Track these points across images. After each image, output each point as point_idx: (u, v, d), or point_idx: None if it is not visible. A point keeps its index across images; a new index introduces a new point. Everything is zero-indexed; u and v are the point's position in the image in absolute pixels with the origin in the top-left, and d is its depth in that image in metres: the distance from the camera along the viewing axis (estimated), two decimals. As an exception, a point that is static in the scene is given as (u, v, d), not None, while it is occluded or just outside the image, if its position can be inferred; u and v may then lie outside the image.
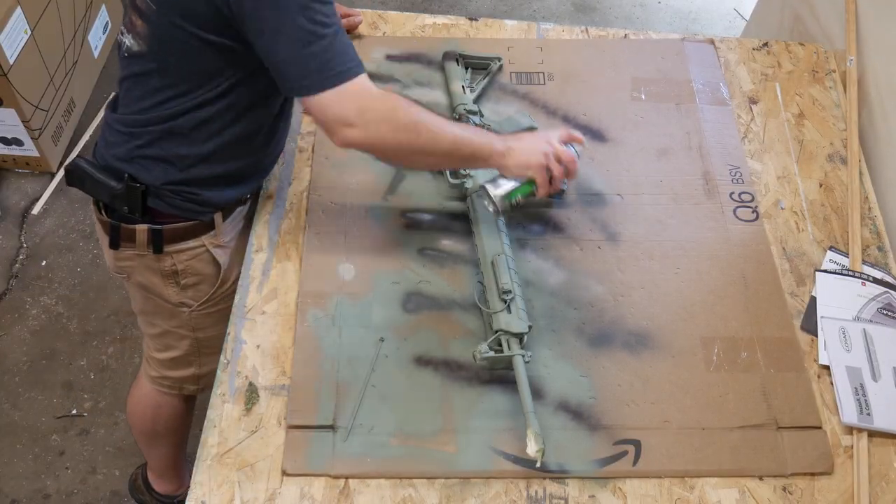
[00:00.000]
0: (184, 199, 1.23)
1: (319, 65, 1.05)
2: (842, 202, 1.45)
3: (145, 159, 1.20)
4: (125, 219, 1.24)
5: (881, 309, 1.31)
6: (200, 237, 1.28)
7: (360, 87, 1.08)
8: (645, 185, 1.43)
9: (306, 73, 1.06)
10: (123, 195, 1.20)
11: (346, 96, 1.07)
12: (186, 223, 1.26)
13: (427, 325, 1.23)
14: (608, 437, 1.15)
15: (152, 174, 1.20)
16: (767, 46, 1.68)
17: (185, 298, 1.34)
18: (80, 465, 1.93)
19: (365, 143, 1.11)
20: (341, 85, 1.06)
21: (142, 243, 1.25)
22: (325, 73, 1.06)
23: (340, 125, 1.09)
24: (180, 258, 1.28)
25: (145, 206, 1.22)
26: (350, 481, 1.10)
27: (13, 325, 2.13)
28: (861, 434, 1.18)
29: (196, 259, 1.30)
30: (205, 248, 1.29)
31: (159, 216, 1.24)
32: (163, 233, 1.25)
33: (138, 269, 1.30)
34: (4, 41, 2.07)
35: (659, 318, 1.27)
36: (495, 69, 1.56)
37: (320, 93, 1.06)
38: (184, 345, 1.41)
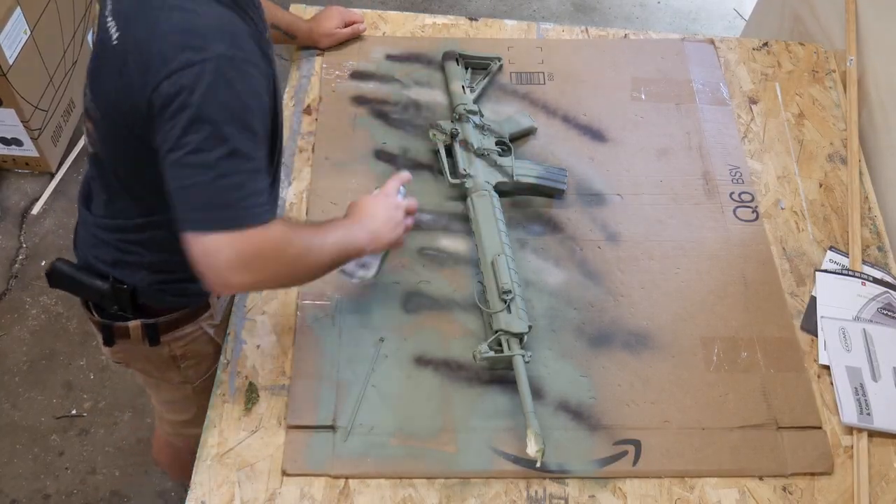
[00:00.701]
0: (174, 295, 1.17)
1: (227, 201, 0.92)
2: (842, 202, 1.45)
3: (128, 264, 1.14)
4: (117, 317, 1.17)
5: (881, 309, 1.31)
6: (196, 321, 1.23)
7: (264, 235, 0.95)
8: (645, 185, 1.43)
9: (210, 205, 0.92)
10: (111, 296, 1.14)
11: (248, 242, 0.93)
12: (180, 311, 1.20)
13: (427, 325, 1.23)
14: (608, 437, 1.15)
15: (137, 277, 1.14)
16: (767, 46, 1.68)
17: (187, 378, 1.31)
18: (80, 466, 1.93)
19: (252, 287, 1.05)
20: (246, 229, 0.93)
21: (137, 338, 1.19)
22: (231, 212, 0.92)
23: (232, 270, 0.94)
24: (178, 344, 1.23)
25: (136, 304, 1.16)
26: (350, 481, 1.09)
27: (13, 326, 2.13)
28: (861, 434, 1.18)
29: (194, 342, 1.25)
30: (202, 330, 1.25)
31: (151, 311, 1.18)
32: (157, 326, 1.19)
33: (136, 359, 1.27)
34: (4, 41, 2.07)
35: (659, 318, 1.27)
36: (495, 69, 1.56)
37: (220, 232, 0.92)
38: (192, 410, 1.38)
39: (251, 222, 0.93)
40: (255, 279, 0.98)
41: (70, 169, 2.43)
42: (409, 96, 1.52)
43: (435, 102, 1.51)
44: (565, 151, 1.47)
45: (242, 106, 0.92)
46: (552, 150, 1.47)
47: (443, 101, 1.51)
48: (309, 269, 1.04)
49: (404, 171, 1.23)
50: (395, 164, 1.41)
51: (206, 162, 0.90)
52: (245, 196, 0.93)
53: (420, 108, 1.50)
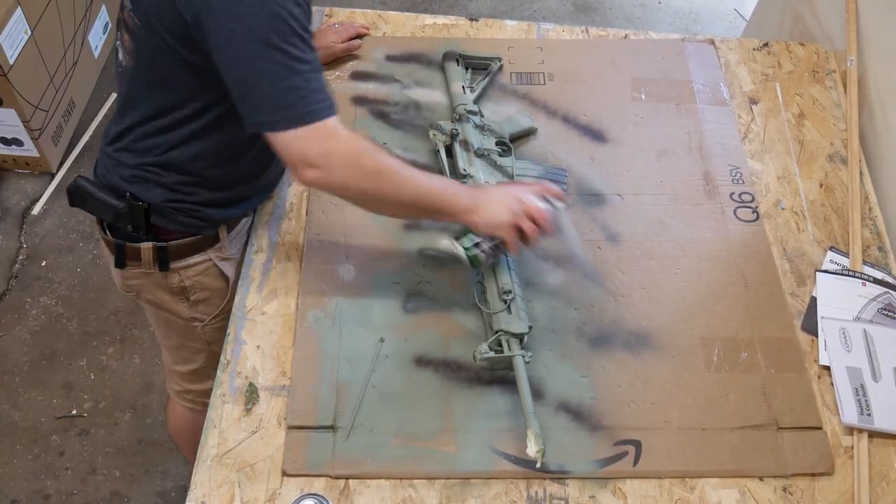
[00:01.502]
0: (187, 216, 1.22)
1: (288, 102, 1.00)
2: (842, 202, 1.45)
3: (146, 181, 1.19)
4: (129, 237, 1.22)
5: (882, 309, 1.31)
6: (206, 251, 1.27)
7: (328, 129, 1.02)
8: (645, 185, 1.43)
9: (273, 108, 1.01)
10: (126, 213, 1.19)
11: (312, 137, 1.02)
12: (191, 238, 1.25)
13: (427, 326, 1.23)
14: (608, 437, 1.15)
15: (153, 193, 1.19)
16: (768, 46, 1.68)
17: (196, 314, 1.33)
18: (80, 466, 1.93)
19: (327, 186, 1.07)
20: (309, 125, 1.01)
21: (147, 261, 1.24)
22: (294, 112, 1.00)
23: (303, 165, 1.03)
24: (187, 274, 1.27)
25: (149, 224, 1.20)
26: (350, 482, 1.09)
27: (13, 326, 2.13)
28: (861, 434, 1.18)
29: (203, 274, 1.29)
30: (211, 262, 1.29)
31: (163, 233, 1.23)
32: (167, 249, 1.23)
33: (147, 287, 1.30)
34: (4, 41, 2.07)
35: (659, 318, 1.27)
36: (495, 69, 1.56)
37: (285, 131, 1.01)
38: (201, 358, 1.40)
39: (308, 120, 1.00)
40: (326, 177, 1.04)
41: (70, 169, 2.43)
42: (410, 97, 1.52)
43: (435, 103, 1.51)
44: (565, 152, 1.47)
45: (288, 13, 0.97)
46: (552, 150, 1.47)
47: (443, 101, 1.51)
48: (386, 194, 1.08)
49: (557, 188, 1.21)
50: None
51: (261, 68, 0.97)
52: (301, 97, 1.00)
53: (420, 108, 1.50)
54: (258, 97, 1.00)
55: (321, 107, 1.01)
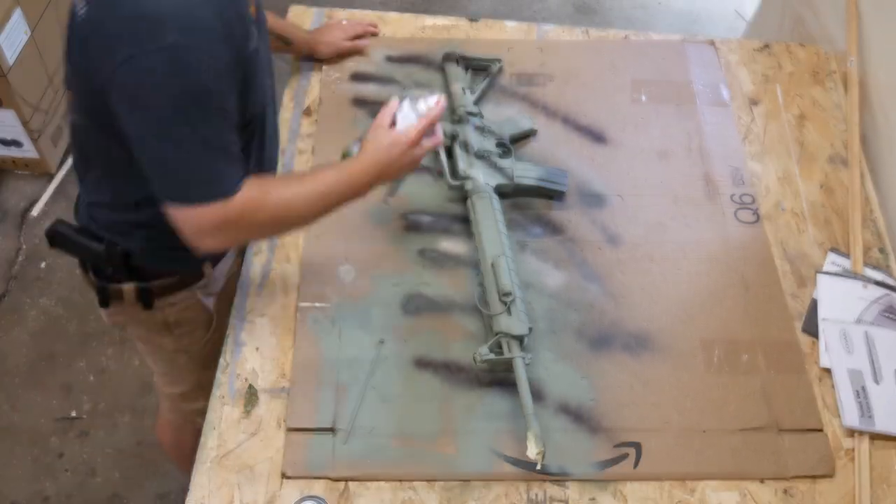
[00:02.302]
0: (167, 260, 1.19)
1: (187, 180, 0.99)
2: (843, 204, 1.45)
3: (120, 231, 1.16)
4: (112, 278, 1.20)
5: (883, 311, 1.31)
6: (190, 287, 1.25)
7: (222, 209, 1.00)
8: (645, 186, 1.43)
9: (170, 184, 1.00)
10: (106, 257, 1.17)
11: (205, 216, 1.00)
12: (174, 277, 1.22)
13: (427, 327, 1.23)
14: (608, 439, 1.15)
15: (129, 241, 1.17)
16: (768, 48, 1.68)
17: (182, 346, 1.32)
18: (80, 468, 1.92)
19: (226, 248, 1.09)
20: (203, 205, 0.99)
21: (131, 301, 1.22)
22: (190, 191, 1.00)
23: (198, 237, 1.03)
24: (171, 311, 1.25)
25: (130, 266, 1.19)
26: (350, 484, 1.09)
27: (12, 327, 2.13)
28: (862, 437, 1.18)
29: (188, 309, 1.27)
30: (195, 297, 1.27)
31: (146, 273, 1.20)
32: (151, 290, 1.21)
33: (131, 324, 1.29)
34: (4, 42, 2.07)
35: (659, 320, 1.27)
36: (495, 70, 1.56)
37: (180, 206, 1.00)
38: (189, 382, 1.40)
39: (212, 198, 1.00)
40: (225, 242, 1.08)
41: (70, 170, 2.43)
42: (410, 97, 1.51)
43: (435, 104, 1.51)
44: (565, 153, 1.46)
45: (200, 91, 0.94)
46: (552, 151, 1.47)
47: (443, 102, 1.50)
48: (291, 222, 1.11)
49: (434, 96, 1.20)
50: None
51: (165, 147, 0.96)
52: (207, 174, 1.00)
53: (420, 109, 1.50)
54: (159, 170, 0.99)
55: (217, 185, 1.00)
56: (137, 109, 0.95)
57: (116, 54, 0.91)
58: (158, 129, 0.95)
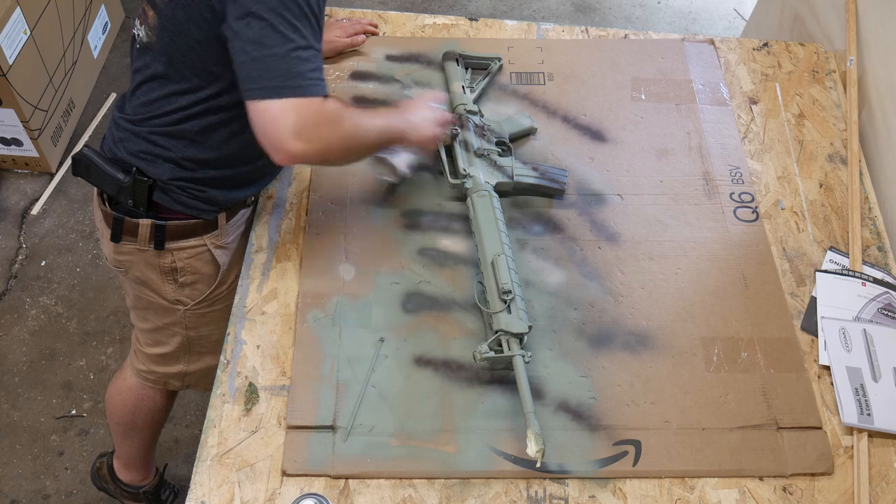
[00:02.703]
0: (190, 196, 1.23)
1: (288, 72, 1.03)
2: (842, 202, 1.45)
3: (154, 156, 1.20)
4: (129, 212, 1.24)
5: (881, 309, 1.31)
6: (202, 236, 1.28)
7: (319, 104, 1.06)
8: (645, 185, 1.43)
9: (272, 77, 1.03)
10: (129, 188, 1.21)
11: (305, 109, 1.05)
12: (190, 221, 1.26)
13: (427, 326, 1.23)
14: (608, 437, 1.15)
15: (160, 170, 1.21)
16: (767, 46, 1.68)
17: (182, 296, 1.34)
18: (80, 466, 1.93)
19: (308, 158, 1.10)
20: (303, 98, 1.04)
21: (144, 238, 1.25)
22: (294, 82, 1.03)
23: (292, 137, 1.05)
24: (181, 255, 1.28)
25: (150, 201, 1.22)
26: (350, 482, 1.09)
27: (12, 326, 2.13)
28: (861, 434, 1.18)
29: (196, 258, 1.30)
30: (206, 247, 1.30)
31: (163, 212, 1.24)
32: (166, 228, 1.25)
33: (137, 264, 1.30)
34: (4, 41, 2.07)
35: (659, 318, 1.27)
36: (495, 69, 1.56)
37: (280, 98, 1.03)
38: (174, 342, 1.41)
39: (314, 93, 1.05)
40: (312, 147, 1.07)
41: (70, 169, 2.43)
42: (409, 96, 1.51)
43: (435, 102, 1.51)
44: (565, 152, 1.47)
45: None
46: (552, 150, 1.47)
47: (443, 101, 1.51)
48: (357, 145, 1.17)
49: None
50: (395, 165, 1.41)
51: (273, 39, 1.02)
52: (308, 70, 1.04)
53: (420, 108, 1.50)
54: (260, 66, 1.03)
55: (318, 84, 1.06)
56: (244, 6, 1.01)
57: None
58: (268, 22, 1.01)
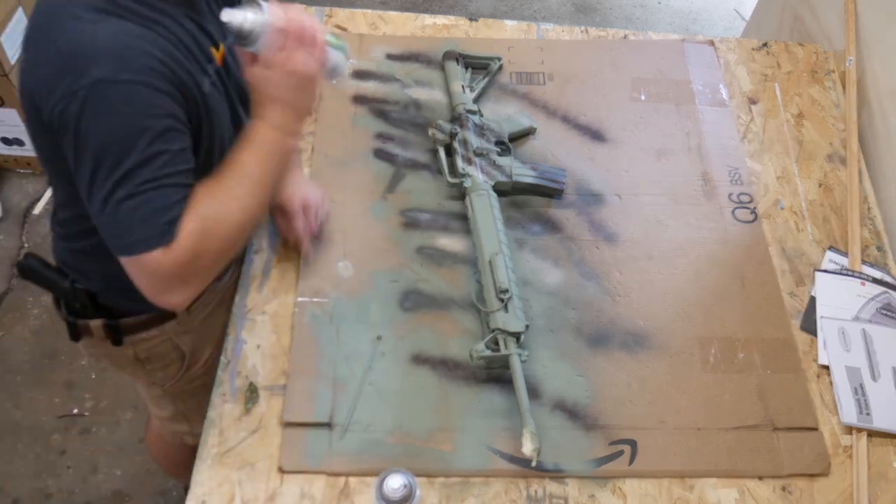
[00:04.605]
0: (130, 300, 1.09)
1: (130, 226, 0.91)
2: (841, 202, 1.45)
3: (81, 272, 1.15)
4: (80, 314, 1.18)
5: (880, 309, 1.31)
6: (162, 326, 1.21)
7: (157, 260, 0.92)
8: (644, 185, 1.44)
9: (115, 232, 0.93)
10: (72, 294, 1.15)
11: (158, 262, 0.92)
12: (144, 315, 1.18)
13: (425, 324, 1.23)
14: (604, 436, 1.15)
15: (91, 282, 1.15)
16: (767, 47, 1.68)
17: (156, 380, 1.30)
18: (82, 465, 1.93)
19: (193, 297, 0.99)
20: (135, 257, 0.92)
21: (100, 337, 1.19)
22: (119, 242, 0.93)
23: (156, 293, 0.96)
24: (142, 347, 1.22)
25: (96, 304, 1.16)
26: (350, 481, 1.10)
27: (15, 325, 2.14)
28: (860, 434, 1.18)
29: (159, 346, 1.24)
30: (167, 336, 1.23)
31: (114, 311, 1.17)
32: (119, 327, 1.18)
33: (104, 356, 1.27)
34: (6, 41, 2.08)
35: (656, 318, 1.27)
36: (495, 69, 1.56)
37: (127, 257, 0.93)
38: (170, 409, 1.39)
39: (156, 244, 0.91)
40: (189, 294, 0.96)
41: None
42: (409, 96, 1.52)
43: (435, 102, 1.51)
44: (564, 152, 1.47)
45: (136, 129, 0.89)
46: (552, 150, 1.47)
47: (443, 100, 1.51)
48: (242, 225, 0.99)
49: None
50: (394, 163, 1.42)
51: (103, 190, 0.90)
52: (146, 218, 0.90)
53: (420, 107, 1.50)
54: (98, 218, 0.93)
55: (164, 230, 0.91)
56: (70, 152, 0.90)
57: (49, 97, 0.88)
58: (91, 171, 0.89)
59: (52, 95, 0.88)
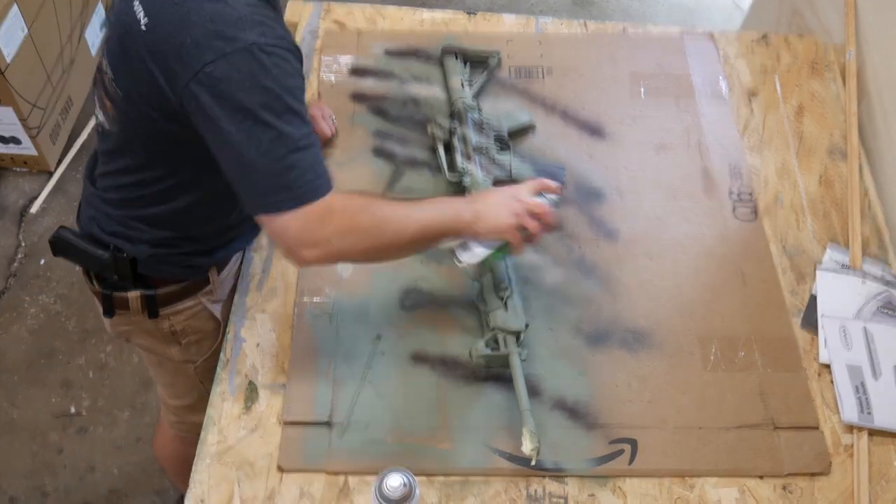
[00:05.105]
0: (173, 266, 1.18)
1: (283, 183, 0.96)
2: (842, 197, 1.44)
3: (128, 238, 1.15)
4: (116, 286, 1.19)
5: (882, 307, 1.31)
6: (196, 295, 1.23)
7: (325, 207, 0.98)
8: (643, 181, 1.43)
9: (267, 190, 0.96)
10: (111, 264, 1.15)
11: (310, 218, 0.97)
12: (180, 284, 1.21)
13: (424, 323, 1.23)
14: (604, 435, 1.15)
15: (137, 249, 1.15)
16: (766, 39, 1.68)
17: (189, 356, 1.31)
18: (79, 464, 1.93)
19: (328, 261, 1.03)
20: (305, 206, 0.97)
21: (136, 310, 1.20)
22: (291, 193, 0.96)
23: (302, 246, 0.99)
24: (178, 319, 1.24)
25: (136, 274, 1.17)
26: (349, 479, 1.09)
27: (12, 324, 2.13)
28: (861, 433, 1.18)
29: (194, 318, 1.26)
30: (202, 304, 1.25)
31: (151, 281, 1.19)
32: (156, 297, 1.20)
33: (137, 333, 1.27)
34: (1, 39, 2.06)
35: (656, 316, 1.27)
36: (494, 64, 1.55)
37: (280, 213, 0.97)
38: (194, 395, 1.39)
39: (312, 197, 0.97)
40: (326, 252, 1.00)
41: (68, 167, 2.43)
42: (408, 92, 1.51)
43: (434, 98, 1.50)
44: (564, 148, 1.46)
45: (282, 88, 0.94)
46: (551, 146, 1.46)
47: (441, 96, 1.50)
48: (389, 240, 1.05)
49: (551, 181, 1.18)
50: (393, 161, 1.41)
51: (257, 146, 0.94)
52: (297, 176, 0.96)
53: (419, 103, 1.50)
54: (251, 179, 0.97)
55: (317, 185, 0.98)
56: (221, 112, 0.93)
57: (201, 56, 0.92)
58: (246, 129, 0.93)
59: (200, 56, 0.92)
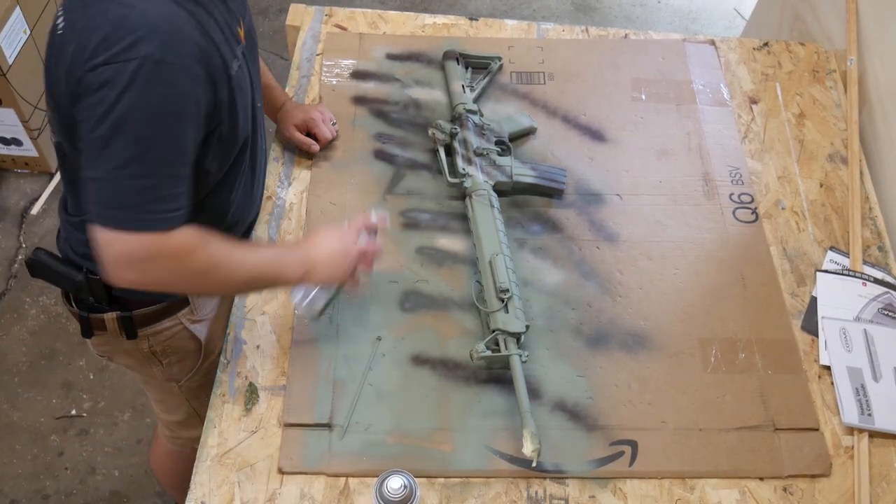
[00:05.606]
0: None
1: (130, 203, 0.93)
2: (842, 202, 1.45)
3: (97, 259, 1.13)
4: (93, 308, 1.18)
5: (882, 309, 1.31)
6: (176, 315, 1.21)
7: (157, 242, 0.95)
8: (644, 185, 1.43)
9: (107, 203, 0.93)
10: (85, 286, 1.14)
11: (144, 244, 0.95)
12: (157, 305, 1.19)
13: (424, 325, 1.23)
14: (604, 437, 1.15)
15: None
16: (768, 46, 1.68)
17: (172, 375, 1.30)
18: (80, 466, 1.93)
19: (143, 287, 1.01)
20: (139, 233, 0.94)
21: (113, 331, 1.19)
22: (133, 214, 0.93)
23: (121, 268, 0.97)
24: (157, 339, 1.22)
25: (111, 296, 1.16)
26: (350, 481, 1.09)
27: (12, 326, 2.13)
28: (862, 435, 1.18)
29: (174, 338, 1.24)
30: (182, 325, 1.23)
31: (128, 302, 1.17)
32: (133, 318, 1.18)
33: (117, 354, 1.26)
34: (4, 41, 2.07)
35: (657, 318, 1.27)
36: (495, 69, 1.56)
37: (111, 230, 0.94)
38: (183, 411, 1.38)
39: (148, 228, 0.94)
40: (142, 280, 0.99)
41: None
42: (409, 96, 1.52)
43: (435, 102, 1.51)
44: (565, 151, 1.47)
45: (163, 111, 0.92)
46: (552, 149, 1.47)
47: (443, 100, 1.51)
48: (216, 283, 1.06)
49: (380, 212, 1.21)
50: (394, 164, 1.41)
51: (115, 159, 0.91)
52: (149, 200, 0.94)
53: (420, 107, 1.50)
54: (99, 186, 0.94)
55: (164, 216, 0.95)
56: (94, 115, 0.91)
57: (90, 59, 0.90)
58: (111, 138, 0.91)
59: (92, 59, 0.90)
